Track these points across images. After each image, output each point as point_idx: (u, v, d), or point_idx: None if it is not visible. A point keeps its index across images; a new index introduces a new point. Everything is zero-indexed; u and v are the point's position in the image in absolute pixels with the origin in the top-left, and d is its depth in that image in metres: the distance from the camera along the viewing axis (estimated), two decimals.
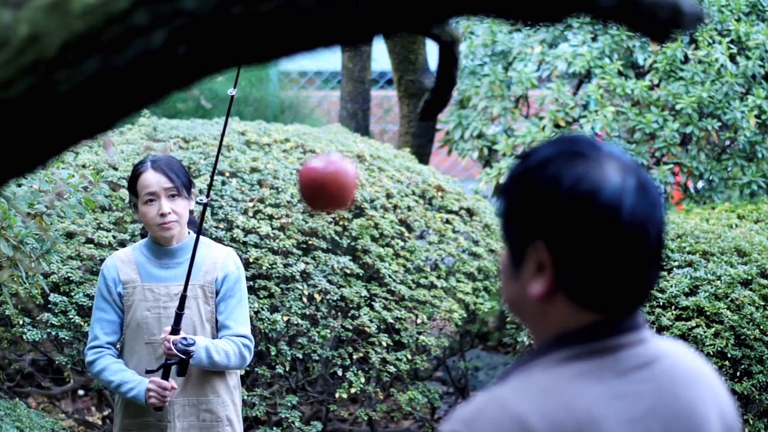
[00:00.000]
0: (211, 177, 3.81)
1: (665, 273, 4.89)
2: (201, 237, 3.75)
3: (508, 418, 1.40)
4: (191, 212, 3.87)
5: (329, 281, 5.00)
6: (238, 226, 4.97)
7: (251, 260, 4.89)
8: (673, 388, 1.50)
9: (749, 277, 4.81)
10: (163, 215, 3.68)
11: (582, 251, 1.44)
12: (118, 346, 3.81)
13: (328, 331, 4.93)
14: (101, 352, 3.75)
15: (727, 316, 4.62)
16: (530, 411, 1.41)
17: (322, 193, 2.37)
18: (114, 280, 3.76)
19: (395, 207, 5.42)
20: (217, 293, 3.76)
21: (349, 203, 2.39)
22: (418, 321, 5.14)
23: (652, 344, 1.52)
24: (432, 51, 7.17)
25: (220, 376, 3.80)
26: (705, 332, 4.58)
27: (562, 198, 1.43)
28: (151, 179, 3.70)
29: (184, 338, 3.59)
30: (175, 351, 3.56)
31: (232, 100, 3.71)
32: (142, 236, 3.88)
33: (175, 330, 3.61)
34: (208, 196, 3.77)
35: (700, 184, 6.74)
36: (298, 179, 2.50)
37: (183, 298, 3.64)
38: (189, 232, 3.80)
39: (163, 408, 3.68)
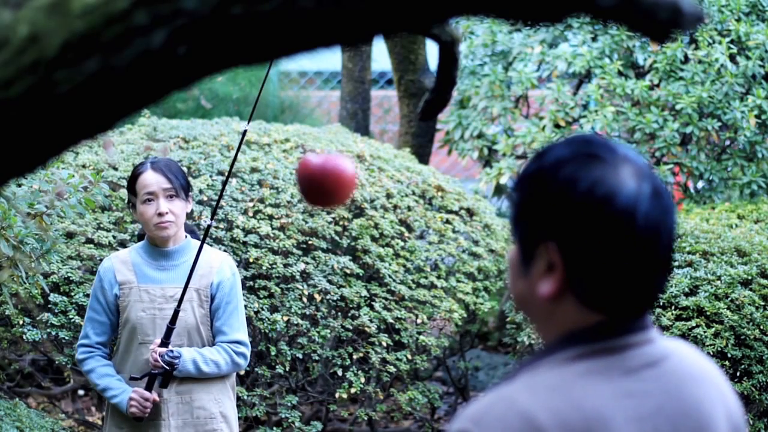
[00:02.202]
0: (213, 211, 3.82)
1: None
2: (196, 240, 3.87)
3: (517, 415, 1.41)
4: (188, 215, 3.97)
5: (329, 281, 5.00)
6: (238, 226, 4.97)
7: (251, 260, 4.89)
8: (680, 387, 1.50)
9: (749, 277, 4.81)
10: (160, 215, 3.76)
11: (594, 255, 1.44)
12: (108, 345, 3.90)
13: (328, 331, 4.93)
14: (91, 352, 3.85)
15: (727, 316, 4.62)
16: (539, 408, 1.41)
17: (318, 187, 2.35)
18: (110, 282, 3.83)
19: (395, 207, 5.41)
20: (212, 298, 3.83)
21: (347, 199, 2.38)
22: (418, 321, 5.14)
23: (659, 344, 1.52)
24: (432, 51, 7.17)
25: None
26: (705, 332, 4.57)
27: (576, 201, 1.43)
28: (150, 179, 3.78)
29: (171, 350, 3.68)
30: (161, 363, 3.66)
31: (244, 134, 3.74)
32: (140, 238, 3.97)
33: (165, 343, 3.70)
34: (212, 218, 3.91)
35: (700, 184, 6.74)
36: (296, 173, 2.49)
37: (176, 313, 3.72)
38: (186, 236, 3.88)
39: (143, 419, 3.75)
